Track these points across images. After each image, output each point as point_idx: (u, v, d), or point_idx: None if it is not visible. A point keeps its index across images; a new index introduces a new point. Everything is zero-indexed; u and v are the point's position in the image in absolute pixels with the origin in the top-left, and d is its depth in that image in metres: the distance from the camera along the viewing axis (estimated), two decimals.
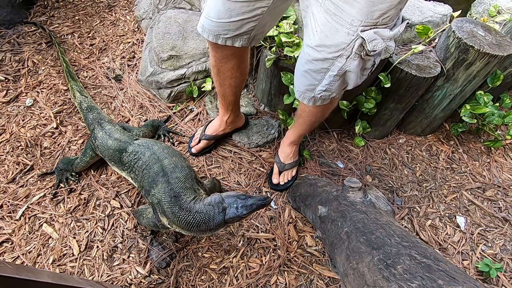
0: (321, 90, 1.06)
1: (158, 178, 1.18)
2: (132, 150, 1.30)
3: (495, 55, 1.38)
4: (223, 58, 1.24)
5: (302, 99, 1.15)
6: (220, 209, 1.07)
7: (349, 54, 0.92)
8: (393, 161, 1.77)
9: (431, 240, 1.50)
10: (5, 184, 1.44)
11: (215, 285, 1.28)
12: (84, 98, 1.63)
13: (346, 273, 1.00)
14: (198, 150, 1.61)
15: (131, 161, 1.28)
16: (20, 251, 1.28)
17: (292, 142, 1.51)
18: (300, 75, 1.08)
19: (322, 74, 1.00)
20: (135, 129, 1.55)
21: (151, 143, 1.30)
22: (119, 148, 1.32)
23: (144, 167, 1.23)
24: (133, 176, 1.29)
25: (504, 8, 1.73)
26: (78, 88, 1.68)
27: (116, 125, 1.47)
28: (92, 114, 1.52)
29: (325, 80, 1.02)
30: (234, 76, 1.32)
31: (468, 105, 1.61)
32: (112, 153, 1.34)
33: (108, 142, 1.36)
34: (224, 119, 1.57)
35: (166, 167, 1.20)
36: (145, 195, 1.23)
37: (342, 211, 1.18)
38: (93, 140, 1.41)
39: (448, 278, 0.75)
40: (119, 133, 1.41)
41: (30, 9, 2.22)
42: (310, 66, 1.01)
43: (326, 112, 1.30)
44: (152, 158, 1.23)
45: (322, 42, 0.92)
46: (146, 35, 2.01)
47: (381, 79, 1.50)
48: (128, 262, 1.29)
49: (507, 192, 1.71)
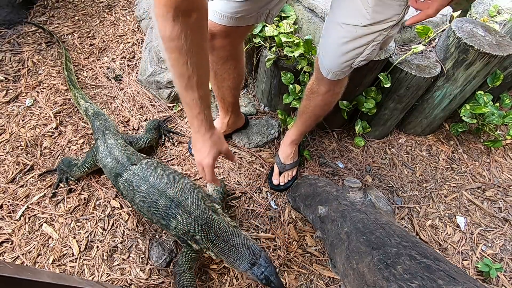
0: (361, 60, 1.07)
1: (173, 211, 1.15)
2: (127, 178, 1.24)
3: (495, 55, 1.38)
4: (219, 60, 1.23)
5: (338, 76, 1.14)
6: (252, 260, 1.09)
7: (397, 22, 0.96)
8: (393, 161, 1.77)
9: (431, 240, 1.50)
10: (5, 184, 1.44)
11: (215, 285, 1.28)
12: (89, 104, 1.61)
13: (346, 273, 1.00)
14: None
15: (128, 191, 1.23)
16: (20, 251, 1.28)
17: (292, 142, 1.51)
18: (339, 56, 1.07)
19: (364, 46, 1.02)
20: (141, 139, 1.50)
21: (147, 172, 1.24)
22: (115, 170, 1.28)
23: (148, 203, 1.19)
24: (135, 207, 1.27)
25: (504, 8, 1.73)
26: (81, 95, 1.66)
27: (119, 138, 1.41)
28: (98, 121, 1.50)
29: (367, 51, 1.03)
30: (232, 77, 1.32)
31: (468, 105, 1.61)
32: (109, 173, 1.31)
33: (107, 160, 1.32)
34: (225, 121, 1.57)
35: (174, 197, 1.17)
36: (164, 228, 1.21)
37: (342, 211, 1.18)
38: (95, 152, 1.38)
39: (448, 278, 0.75)
40: (120, 150, 1.34)
41: (30, 9, 2.22)
42: (354, 44, 1.01)
43: (332, 104, 1.31)
44: (151, 192, 1.19)
45: (375, 20, 0.93)
46: (146, 35, 2.01)
47: (381, 79, 1.50)
48: (128, 262, 1.29)
49: (507, 192, 1.71)
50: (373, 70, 1.46)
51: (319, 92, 1.23)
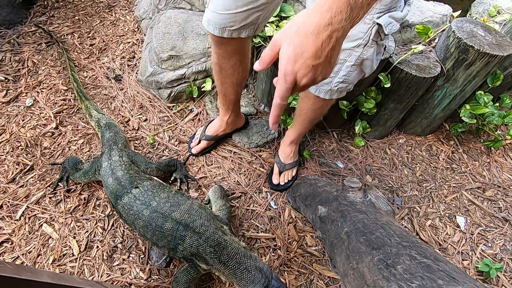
0: (338, 82, 1.07)
1: (181, 233, 1.12)
2: (127, 202, 1.20)
3: (495, 55, 1.38)
4: (226, 54, 1.23)
5: (318, 93, 1.15)
6: (265, 283, 1.07)
7: (366, 43, 0.94)
8: (393, 161, 1.77)
9: (431, 240, 1.50)
10: (5, 184, 1.44)
11: (215, 285, 1.28)
12: (102, 115, 1.57)
13: (346, 273, 1.00)
14: (198, 150, 1.61)
15: (128, 215, 1.19)
16: (20, 251, 1.28)
17: (292, 142, 1.51)
18: None
19: (339, 66, 1.01)
20: (144, 163, 1.42)
21: (149, 197, 1.20)
22: (116, 192, 1.23)
23: (151, 228, 1.15)
24: (136, 232, 1.23)
25: (504, 8, 1.73)
26: (93, 106, 1.63)
27: (124, 156, 1.37)
28: (109, 132, 1.47)
29: (342, 72, 1.03)
30: (236, 72, 1.32)
31: (468, 105, 1.61)
32: (109, 193, 1.27)
33: (109, 179, 1.28)
34: (225, 119, 1.57)
35: (181, 219, 1.14)
36: (170, 252, 1.17)
37: (342, 211, 1.18)
38: (98, 167, 1.35)
39: (448, 278, 0.75)
40: (123, 170, 1.30)
41: (30, 9, 2.22)
42: None
43: (325, 108, 1.30)
44: (155, 217, 1.15)
45: None
46: (146, 35, 2.01)
47: (381, 79, 1.50)
48: (128, 262, 1.29)
49: (507, 192, 1.71)
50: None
51: (310, 96, 1.23)
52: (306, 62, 0.58)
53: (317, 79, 0.62)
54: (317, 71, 0.60)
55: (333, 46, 0.57)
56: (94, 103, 1.68)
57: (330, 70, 0.62)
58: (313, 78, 0.61)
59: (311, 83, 0.62)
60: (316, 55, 0.57)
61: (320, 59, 0.58)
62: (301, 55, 0.57)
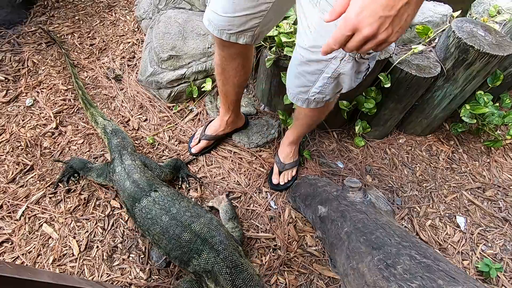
0: (315, 92, 1.05)
1: (197, 247, 1.07)
2: (145, 205, 1.17)
3: (495, 55, 1.38)
4: (229, 57, 1.23)
5: (295, 101, 1.14)
6: None
7: (343, 57, 0.90)
8: (393, 161, 1.77)
9: (431, 240, 1.50)
10: (5, 184, 1.44)
11: None
12: (108, 122, 1.56)
13: (346, 273, 1.00)
14: (198, 150, 1.61)
15: (144, 220, 1.15)
16: (20, 251, 1.27)
17: (291, 142, 1.51)
18: (293, 77, 1.07)
19: (316, 75, 0.99)
20: (157, 169, 1.41)
21: (169, 203, 1.17)
22: (134, 195, 1.21)
23: (168, 236, 1.10)
24: (149, 238, 1.19)
25: (504, 8, 1.73)
26: (99, 113, 1.61)
27: (137, 159, 1.36)
28: (116, 139, 1.45)
29: (319, 82, 1.01)
30: (238, 75, 1.32)
31: (468, 105, 1.61)
32: (126, 197, 1.24)
33: (125, 183, 1.25)
34: (225, 119, 1.57)
35: (200, 232, 1.09)
36: (180, 264, 1.13)
37: (342, 211, 1.18)
38: (111, 172, 1.33)
39: (448, 278, 0.75)
40: (139, 172, 1.28)
41: (30, 9, 2.22)
42: (304, 67, 0.99)
43: (322, 115, 1.30)
44: (173, 225, 1.11)
45: (317, 43, 0.90)
46: (146, 35, 2.01)
47: (381, 79, 1.50)
48: (128, 262, 1.29)
49: (507, 192, 1.71)
50: (373, 70, 1.46)
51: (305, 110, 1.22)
52: (375, 11, 0.52)
53: (379, 36, 0.55)
54: (383, 25, 0.53)
55: (410, 0, 0.53)
56: (99, 110, 1.67)
57: (397, 31, 0.56)
58: (375, 32, 0.54)
59: (370, 39, 0.55)
60: (388, 5, 0.52)
61: (391, 11, 0.52)
62: (371, 2, 0.52)
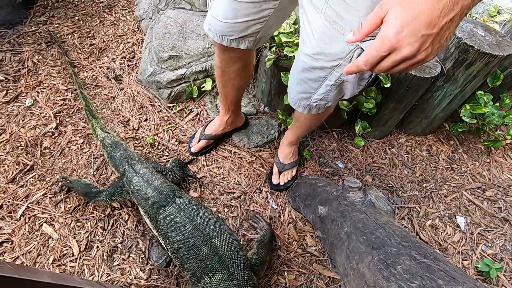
0: (317, 98, 1.04)
1: (213, 265, 1.02)
2: (171, 211, 1.13)
3: (495, 55, 1.38)
4: (229, 60, 1.23)
5: (296, 107, 1.13)
6: None
7: (348, 64, 0.90)
8: (393, 161, 1.77)
9: (431, 240, 1.50)
10: (5, 184, 1.44)
11: None
12: (107, 134, 1.49)
13: (346, 273, 1.00)
14: (198, 149, 1.61)
15: (168, 227, 1.11)
16: (20, 251, 1.27)
17: (290, 143, 1.51)
18: (295, 83, 1.06)
19: (319, 83, 0.98)
20: (170, 172, 1.39)
21: (194, 211, 1.13)
22: (159, 202, 1.16)
23: (188, 245, 1.06)
24: (169, 247, 1.13)
25: (504, 8, 1.73)
26: (100, 125, 1.54)
27: (150, 166, 1.31)
28: (118, 151, 1.38)
29: (321, 89, 1.00)
30: (238, 78, 1.32)
31: (468, 105, 1.61)
32: (150, 205, 1.18)
33: (148, 191, 1.20)
34: (225, 119, 1.57)
35: (219, 250, 1.04)
36: (192, 279, 1.08)
37: (342, 211, 1.18)
38: (127, 185, 1.27)
39: (448, 278, 0.75)
40: (159, 179, 1.24)
41: (30, 9, 2.22)
42: (307, 74, 0.98)
43: (321, 119, 1.30)
44: (196, 235, 1.06)
45: (321, 50, 0.88)
46: (146, 35, 2.01)
47: (381, 79, 1.50)
48: (128, 262, 1.29)
49: (507, 192, 1.71)
50: None
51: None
52: (417, 29, 0.48)
53: (418, 57, 0.51)
54: (424, 44, 0.50)
55: (454, 17, 0.48)
56: (101, 121, 1.61)
57: (437, 49, 0.52)
58: (415, 53, 0.51)
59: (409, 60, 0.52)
60: (431, 23, 0.48)
61: (434, 29, 0.49)
62: (412, 20, 0.48)
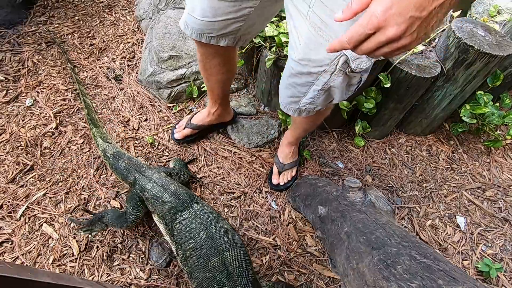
0: (306, 102, 1.04)
1: (221, 279, 0.98)
2: (187, 217, 1.09)
3: (495, 55, 1.38)
4: (209, 55, 1.23)
5: (287, 110, 1.14)
6: None
7: (333, 71, 0.89)
8: (393, 161, 1.77)
9: (431, 240, 1.50)
10: (5, 184, 1.44)
11: None
12: (108, 144, 1.43)
13: (346, 273, 1.00)
14: (182, 136, 1.61)
15: (182, 233, 1.07)
16: (20, 251, 1.27)
17: (290, 143, 1.52)
18: (284, 87, 1.07)
19: (307, 87, 0.99)
20: (181, 173, 1.38)
21: (210, 219, 1.09)
22: (176, 207, 1.13)
23: (199, 254, 1.02)
24: (180, 254, 1.09)
25: (504, 8, 1.73)
26: (101, 134, 1.49)
27: (160, 171, 1.28)
28: (122, 161, 1.33)
29: (309, 94, 1.00)
30: (221, 72, 1.32)
31: (468, 105, 1.61)
32: (167, 210, 1.15)
33: (164, 196, 1.17)
34: (212, 110, 1.58)
35: (230, 264, 1.00)
36: None
37: (342, 211, 1.18)
38: (140, 192, 1.23)
39: (448, 278, 0.75)
40: (174, 184, 1.21)
41: (30, 9, 2.22)
42: (295, 79, 0.99)
43: (317, 120, 1.31)
44: (209, 245, 1.02)
45: (306, 56, 0.89)
46: (146, 35, 2.01)
47: (381, 79, 1.50)
48: (128, 262, 1.29)
49: (507, 192, 1.71)
50: (373, 70, 1.46)
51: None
52: (406, 9, 0.47)
53: (401, 41, 0.50)
54: (411, 27, 0.48)
55: (444, 2, 0.48)
56: (102, 130, 1.57)
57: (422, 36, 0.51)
58: (400, 35, 0.49)
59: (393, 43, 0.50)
60: (421, 5, 0.47)
61: (423, 12, 0.48)
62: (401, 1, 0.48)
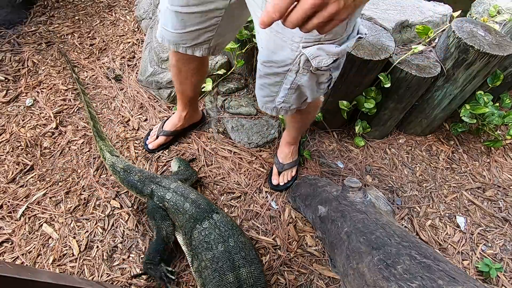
0: (280, 101, 1.06)
1: None
2: (207, 227, 1.07)
3: (495, 55, 1.38)
4: (185, 60, 1.27)
5: (265, 109, 1.16)
6: None
7: (298, 69, 0.90)
8: (393, 161, 1.77)
9: (431, 240, 1.50)
10: (5, 184, 1.44)
11: None
12: (116, 158, 1.40)
13: (346, 273, 1.00)
14: (156, 146, 1.61)
15: (200, 243, 1.05)
16: (20, 251, 1.27)
17: (288, 143, 1.52)
18: (258, 88, 1.10)
19: (277, 87, 1.01)
20: (192, 175, 1.39)
21: (229, 231, 1.06)
22: (196, 216, 1.11)
23: (215, 266, 0.99)
24: (196, 264, 1.06)
25: (504, 8, 1.73)
26: (108, 148, 1.46)
27: (176, 180, 1.26)
28: (134, 175, 1.31)
29: (281, 93, 1.02)
30: (196, 75, 1.36)
31: (468, 105, 1.61)
32: (187, 219, 1.13)
33: (185, 205, 1.15)
34: (183, 115, 1.59)
35: (245, 282, 0.97)
36: None
37: (342, 211, 1.18)
38: (160, 203, 1.21)
39: (448, 278, 0.75)
40: (193, 193, 1.19)
41: (30, 9, 2.22)
42: (265, 80, 1.02)
43: (306, 119, 1.33)
44: (225, 258, 1.00)
45: (269, 58, 0.91)
46: (146, 35, 2.01)
47: (381, 79, 1.50)
48: (128, 262, 1.29)
49: (507, 192, 1.71)
50: (373, 70, 1.46)
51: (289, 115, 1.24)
52: None
53: (329, 8, 0.48)
54: None
55: None
56: (109, 143, 1.54)
57: (350, 5, 0.49)
58: (325, 1, 0.47)
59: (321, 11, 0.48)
60: None
61: None
62: None
